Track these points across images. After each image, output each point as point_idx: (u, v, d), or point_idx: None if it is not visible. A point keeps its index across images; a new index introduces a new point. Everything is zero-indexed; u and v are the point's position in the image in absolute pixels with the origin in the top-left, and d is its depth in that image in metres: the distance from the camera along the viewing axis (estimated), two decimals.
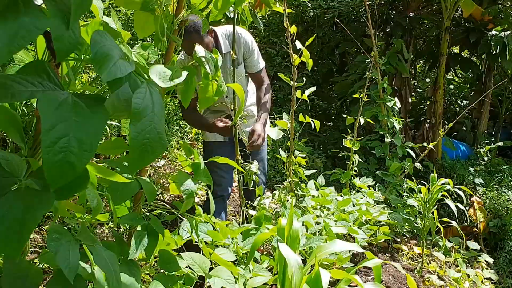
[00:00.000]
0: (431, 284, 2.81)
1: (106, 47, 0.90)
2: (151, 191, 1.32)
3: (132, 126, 0.92)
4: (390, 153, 4.49)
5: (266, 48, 7.24)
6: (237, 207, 3.69)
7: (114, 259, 1.06)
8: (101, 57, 0.88)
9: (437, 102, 5.47)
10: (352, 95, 4.78)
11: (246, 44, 2.75)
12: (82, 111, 0.83)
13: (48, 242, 0.92)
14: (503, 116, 6.40)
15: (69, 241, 0.95)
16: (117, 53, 0.92)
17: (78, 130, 0.81)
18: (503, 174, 5.36)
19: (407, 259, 3.20)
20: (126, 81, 0.94)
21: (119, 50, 0.95)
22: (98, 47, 0.88)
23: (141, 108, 0.93)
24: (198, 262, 1.61)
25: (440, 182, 3.16)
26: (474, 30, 5.65)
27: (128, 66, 0.93)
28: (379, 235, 2.93)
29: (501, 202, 4.69)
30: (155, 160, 0.87)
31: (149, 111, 0.94)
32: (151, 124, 0.95)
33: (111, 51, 0.90)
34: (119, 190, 1.21)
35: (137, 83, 0.98)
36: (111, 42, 0.93)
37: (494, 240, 4.41)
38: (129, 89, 0.96)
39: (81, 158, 0.80)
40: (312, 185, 3.10)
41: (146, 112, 0.94)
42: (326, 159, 5.45)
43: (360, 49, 5.43)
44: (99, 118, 0.86)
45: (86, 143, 0.81)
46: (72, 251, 0.93)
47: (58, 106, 0.81)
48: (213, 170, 2.92)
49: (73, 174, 0.80)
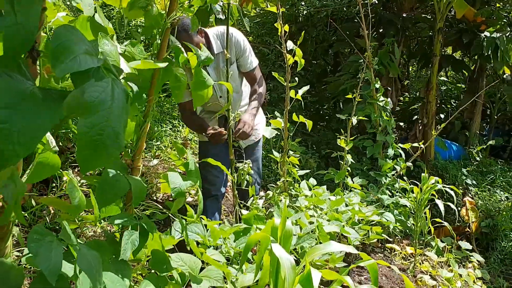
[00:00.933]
0: (424, 284, 2.81)
1: (69, 41, 0.86)
2: (139, 190, 1.29)
3: (82, 119, 0.86)
4: (382, 153, 4.49)
5: (259, 47, 7.24)
6: (231, 207, 3.68)
7: (97, 260, 1.04)
8: (59, 51, 0.84)
9: (430, 103, 5.49)
10: (345, 95, 4.79)
11: (238, 44, 2.74)
12: (34, 102, 0.80)
13: (28, 244, 0.91)
14: (495, 117, 6.44)
15: (51, 241, 0.93)
16: (80, 48, 0.88)
17: (20, 120, 0.77)
18: (495, 174, 5.40)
19: (400, 259, 3.21)
20: (92, 77, 0.89)
21: (85, 45, 0.91)
22: (59, 41, 0.85)
23: (96, 101, 0.87)
24: (188, 263, 1.59)
25: (431, 181, 3.17)
26: (467, 31, 5.68)
27: (90, 61, 0.88)
28: (372, 235, 2.94)
29: (493, 202, 4.72)
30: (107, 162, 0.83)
31: (105, 106, 0.88)
32: (106, 121, 0.88)
33: (73, 46, 0.86)
34: (108, 190, 1.18)
35: (103, 79, 0.92)
36: (77, 37, 0.89)
37: (486, 240, 4.43)
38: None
39: (14, 150, 0.76)
40: (305, 185, 3.10)
41: (101, 107, 0.87)
42: (319, 159, 5.45)
43: (353, 49, 5.44)
44: (49, 113, 0.82)
45: (25, 135, 0.77)
46: (54, 252, 0.92)
47: (13, 94, 0.78)
48: (207, 170, 2.91)
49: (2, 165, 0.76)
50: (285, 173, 3.00)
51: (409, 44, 6.97)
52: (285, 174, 3.00)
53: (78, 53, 0.86)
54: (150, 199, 3.53)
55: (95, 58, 0.90)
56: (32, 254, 0.90)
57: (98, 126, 0.87)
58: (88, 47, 0.91)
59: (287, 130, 2.99)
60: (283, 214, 1.65)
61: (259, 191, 3.23)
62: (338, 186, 3.54)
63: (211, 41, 2.72)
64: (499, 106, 6.34)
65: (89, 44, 0.93)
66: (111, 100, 0.90)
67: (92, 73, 0.89)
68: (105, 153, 0.89)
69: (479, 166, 5.65)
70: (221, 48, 2.72)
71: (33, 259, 0.89)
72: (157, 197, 3.66)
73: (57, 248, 0.93)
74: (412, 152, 4.13)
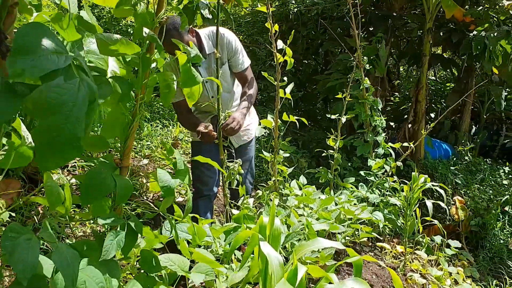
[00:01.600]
0: (414, 282, 2.83)
1: (35, 40, 0.83)
2: (125, 189, 1.28)
3: (40, 119, 0.83)
4: (373, 152, 4.51)
5: (250, 47, 7.24)
6: (222, 207, 3.68)
7: (75, 258, 1.01)
8: (19, 49, 0.81)
9: (420, 102, 5.52)
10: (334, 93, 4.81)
11: (229, 44, 2.74)
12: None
13: (3, 242, 0.87)
14: (484, 117, 6.49)
15: (29, 239, 0.90)
16: (47, 47, 0.84)
17: None
18: (484, 173, 5.44)
19: (390, 258, 3.22)
20: (61, 75, 0.85)
21: (53, 44, 0.87)
22: (22, 41, 0.82)
23: (56, 102, 0.83)
24: (176, 263, 1.59)
25: (420, 179, 3.19)
26: (456, 31, 5.72)
27: (56, 60, 0.85)
28: (362, 233, 2.95)
29: (482, 201, 4.76)
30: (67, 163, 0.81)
31: (67, 108, 0.84)
32: (64, 123, 0.84)
33: (37, 44, 0.83)
34: (92, 188, 1.16)
35: (72, 78, 0.88)
36: (43, 35, 0.85)
37: (476, 238, 4.47)
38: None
39: None
40: (295, 184, 3.11)
41: (61, 108, 0.84)
42: (310, 158, 5.46)
43: (344, 49, 5.45)
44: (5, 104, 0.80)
45: None
46: (31, 251, 0.89)
47: None
48: (200, 169, 2.91)
49: None
50: (276, 173, 3.01)
51: (399, 44, 7.01)
52: (276, 174, 3.00)
53: (42, 53, 0.83)
54: (140, 198, 3.52)
55: (62, 57, 0.86)
56: (7, 253, 0.86)
57: (55, 127, 0.84)
58: (57, 46, 0.87)
59: (278, 130, 2.99)
60: (271, 212, 1.65)
61: (252, 191, 3.23)
62: (329, 186, 3.55)
63: (203, 41, 2.72)
64: (488, 106, 6.38)
65: (59, 42, 0.89)
66: (73, 102, 0.86)
67: (61, 71, 0.85)
68: (61, 156, 0.86)
69: (469, 165, 5.69)
70: (212, 49, 2.71)
71: (8, 258, 0.85)
72: (148, 197, 3.64)
73: (34, 247, 0.90)
74: (402, 152, 4.15)
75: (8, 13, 0.89)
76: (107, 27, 5.69)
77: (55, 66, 0.84)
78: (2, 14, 0.89)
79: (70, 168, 3.21)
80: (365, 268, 2.80)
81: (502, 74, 5.68)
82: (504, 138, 6.49)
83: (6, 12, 0.89)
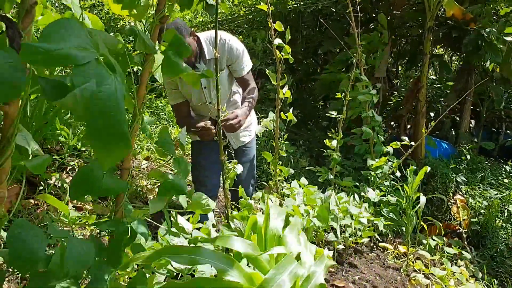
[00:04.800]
0: (417, 283, 2.80)
1: (65, 32, 0.81)
2: (117, 189, 1.24)
3: (89, 123, 0.82)
4: (374, 152, 4.49)
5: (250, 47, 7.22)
6: (222, 208, 3.66)
7: (91, 248, 1.00)
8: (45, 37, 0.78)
9: (420, 102, 5.50)
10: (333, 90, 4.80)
11: (231, 51, 2.71)
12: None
13: (8, 239, 0.85)
14: (484, 115, 6.47)
15: (36, 236, 0.88)
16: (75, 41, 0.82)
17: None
18: (485, 172, 5.42)
19: (393, 258, 3.19)
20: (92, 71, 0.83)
21: (82, 39, 0.85)
22: (52, 30, 0.79)
23: (103, 104, 0.83)
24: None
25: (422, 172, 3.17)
26: (456, 28, 5.70)
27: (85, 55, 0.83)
28: (364, 232, 2.93)
29: (483, 200, 4.74)
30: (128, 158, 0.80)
31: (113, 109, 0.84)
32: (112, 124, 0.85)
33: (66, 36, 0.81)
34: (80, 184, 1.10)
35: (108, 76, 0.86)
36: (73, 29, 0.83)
37: (477, 237, 4.45)
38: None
39: None
40: (296, 184, 3.08)
41: (109, 109, 0.83)
42: (310, 158, 5.44)
43: (343, 48, 5.43)
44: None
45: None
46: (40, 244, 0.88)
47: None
48: (198, 170, 2.88)
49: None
50: (277, 173, 2.98)
51: (399, 43, 6.99)
52: (277, 174, 2.98)
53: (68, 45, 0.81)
54: (141, 201, 3.50)
55: (90, 53, 0.85)
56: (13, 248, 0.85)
57: (106, 129, 0.84)
58: (84, 42, 0.85)
59: (278, 130, 2.97)
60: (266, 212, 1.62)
61: (253, 192, 3.21)
62: (329, 185, 3.53)
63: (203, 46, 2.69)
64: (488, 105, 6.37)
65: (87, 38, 0.87)
66: (115, 101, 0.85)
67: (92, 67, 0.84)
68: (117, 154, 0.88)
69: (469, 164, 5.67)
70: (212, 54, 2.68)
71: (14, 253, 0.84)
72: (148, 198, 3.62)
73: (43, 240, 0.88)
74: (403, 151, 4.12)
75: (27, 12, 0.87)
76: (106, 28, 5.66)
77: (82, 60, 0.82)
78: (21, 12, 0.88)
79: (69, 171, 3.18)
80: (368, 269, 2.78)
81: (504, 71, 5.65)
82: (504, 137, 6.49)
83: (25, 10, 0.87)
